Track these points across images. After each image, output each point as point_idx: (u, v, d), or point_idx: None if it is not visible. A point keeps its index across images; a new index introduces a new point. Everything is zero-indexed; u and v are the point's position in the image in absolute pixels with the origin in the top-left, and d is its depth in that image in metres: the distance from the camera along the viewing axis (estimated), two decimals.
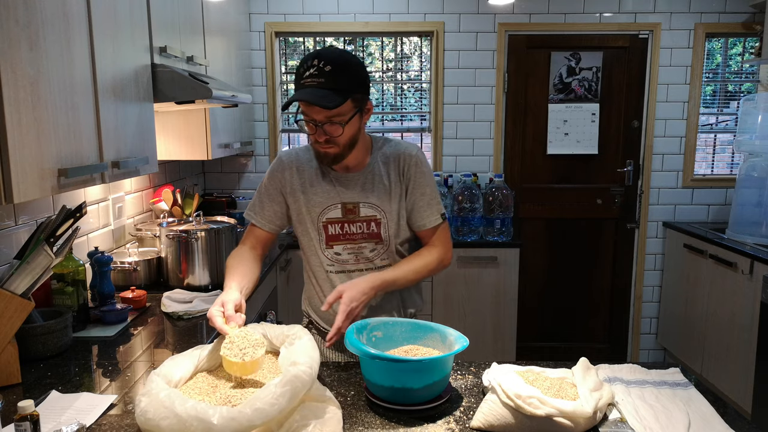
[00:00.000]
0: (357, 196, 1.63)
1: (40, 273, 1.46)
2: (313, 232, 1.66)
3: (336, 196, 1.63)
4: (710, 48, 3.79)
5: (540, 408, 1.14)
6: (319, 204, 1.64)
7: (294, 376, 1.09)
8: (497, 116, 3.72)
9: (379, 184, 1.63)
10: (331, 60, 1.46)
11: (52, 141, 1.40)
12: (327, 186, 1.64)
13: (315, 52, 1.48)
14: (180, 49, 2.23)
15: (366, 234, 1.64)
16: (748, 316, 2.92)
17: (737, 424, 1.21)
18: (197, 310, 1.97)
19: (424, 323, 1.46)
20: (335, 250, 1.65)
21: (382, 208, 1.63)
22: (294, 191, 1.66)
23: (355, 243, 1.64)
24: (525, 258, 3.70)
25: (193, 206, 2.80)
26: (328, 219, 1.64)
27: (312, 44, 3.76)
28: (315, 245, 1.67)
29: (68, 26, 1.47)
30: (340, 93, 1.46)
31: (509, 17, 3.64)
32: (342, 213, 1.63)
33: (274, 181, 1.68)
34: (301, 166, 1.67)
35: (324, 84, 1.45)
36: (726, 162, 3.91)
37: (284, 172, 1.67)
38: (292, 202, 1.67)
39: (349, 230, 1.64)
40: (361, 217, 1.63)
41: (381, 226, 1.64)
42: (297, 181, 1.66)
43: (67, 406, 1.27)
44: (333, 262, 1.66)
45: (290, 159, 1.68)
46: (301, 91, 1.47)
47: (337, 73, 1.46)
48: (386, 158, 1.66)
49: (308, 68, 1.46)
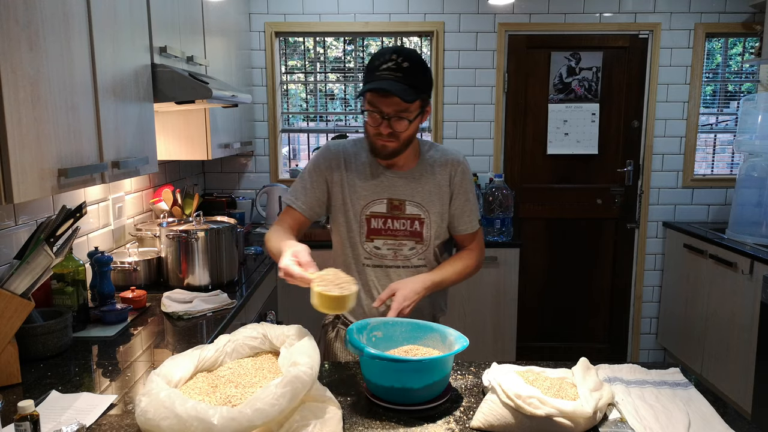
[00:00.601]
0: (404, 194, 1.67)
1: (40, 273, 1.46)
2: (354, 224, 1.68)
3: (383, 192, 1.67)
4: (710, 48, 3.79)
5: (540, 408, 1.14)
6: (364, 197, 1.67)
7: (294, 377, 1.09)
8: (497, 116, 3.72)
9: (426, 185, 1.68)
10: (409, 57, 1.52)
11: (52, 141, 1.40)
12: (374, 180, 1.67)
13: (393, 48, 1.55)
14: (180, 49, 2.23)
15: (408, 232, 1.67)
16: (748, 316, 2.92)
17: (737, 424, 1.21)
18: (197, 310, 1.97)
19: (424, 323, 1.46)
20: (375, 244, 1.68)
21: (427, 208, 1.68)
22: (340, 181, 1.69)
23: (396, 239, 1.68)
24: (525, 258, 3.69)
25: (193, 206, 2.80)
26: (372, 212, 1.67)
27: (312, 44, 3.76)
28: (354, 237, 1.69)
29: (68, 26, 1.47)
30: (414, 90, 1.52)
31: (509, 17, 3.64)
32: (387, 208, 1.67)
33: (320, 169, 1.70)
34: (349, 158, 1.70)
35: (401, 78, 1.50)
36: (726, 162, 3.91)
37: (331, 161, 1.70)
38: (336, 192, 1.69)
39: (392, 226, 1.67)
40: (406, 214, 1.67)
41: (424, 226, 1.68)
42: (344, 171, 1.68)
43: (67, 406, 1.27)
44: (371, 256, 1.69)
45: (338, 149, 1.71)
46: (380, 81, 1.50)
47: (414, 71, 1.52)
48: (434, 161, 1.70)
49: (386, 61, 1.51)
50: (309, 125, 3.90)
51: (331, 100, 3.86)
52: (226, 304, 2.06)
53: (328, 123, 3.89)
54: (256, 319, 2.45)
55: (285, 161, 3.91)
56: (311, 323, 1.53)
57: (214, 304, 2.03)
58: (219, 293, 2.15)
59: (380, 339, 1.44)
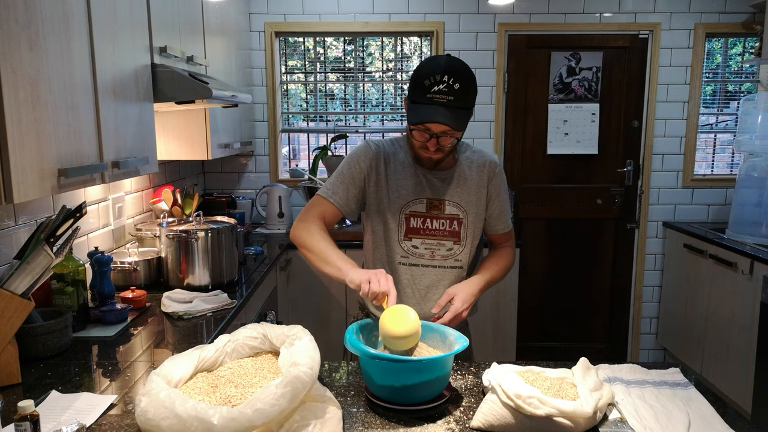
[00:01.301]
0: (444, 194, 1.68)
1: (40, 273, 1.46)
2: (392, 223, 1.69)
3: (422, 191, 1.68)
4: (710, 48, 3.79)
5: (540, 408, 1.14)
6: (404, 196, 1.68)
7: (294, 377, 1.09)
8: (497, 116, 3.72)
9: (465, 185, 1.70)
10: (461, 77, 1.52)
11: (52, 141, 1.40)
12: (414, 180, 1.68)
13: (444, 65, 1.53)
14: (180, 49, 2.23)
15: (447, 231, 1.69)
16: (748, 316, 2.92)
17: (737, 424, 1.21)
18: (197, 310, 1.97)
19: (424, 323, 1.46)
20: (413, 243, 1.69)
21: (466, 208, 1.69)
22: (379, 180, 1.69)
23: (434, 239, 1.69)
24: (525, 258, 3.70)
25: (193, 206, 2.80)
26: (411, 211, 1.68)
27: (312, 44, 3.76)
28: (392, 236, 1.69)
29: (68, 26, 1.47)
30: (465, 111, 1.55)
31: (509, 17, 3.64)
32: (426, 208, 1.68)
33: (359, 166, 1.70)
34: (388, 157, 1.71)
35: (453, 102, 1.51)
36: (726, 162, 3.91)
37: (371, 160, 1.70)
38: (374, 190, 1.70)
39: (431, 225, 1.69)
40: (445, 214, 1.68)
41: (462, 226, 1.69)
42: (383, 170, 1.69)
43: (67, 406, 1.27)
44: (408, 255, 1.70)
45: (378, 148, 1.72)
46: (433, 109, 1.51)
47: (465, 92, 1.53)
48: (471, 162, 1.73)
49: (437, 83, 1.50)
50: (309, 125, 3.90)
51: (331, 100, 3.86)
52: (226, 304, 2.06)
53: (328, 123, 3.89)
54: (256, 319, 2.45)
55: (285, 161, 3.91)
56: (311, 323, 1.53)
57: (214, 304, 2.03)
58: (219, 293, 2.15)
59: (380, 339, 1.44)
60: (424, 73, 1.54)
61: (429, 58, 1.61)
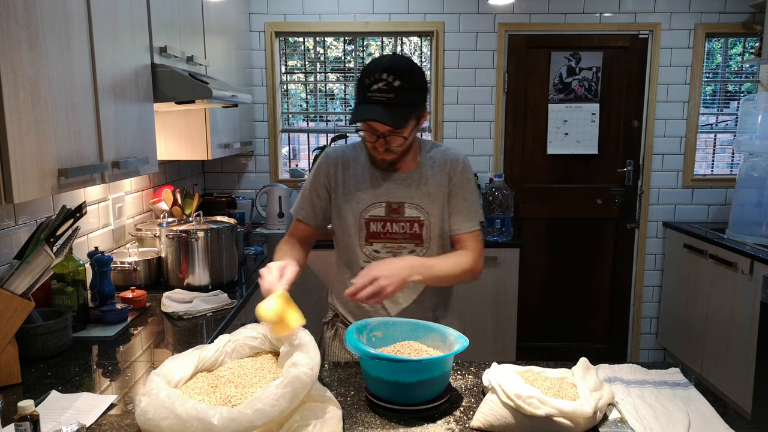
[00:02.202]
0: (403, 196, 1.66)
1: (40, 273, 1.46)
2: (353, 228, 1.68)
3: (381, 195, 1.66)
4: (710, 48, 3.79)
5: (540, 408, 1.14)
6: (363, 201, 1.66)
7: (295, 377, 1.09)
8: (497, 116, 3.72)
9: (426, 186, 1.66)
10: (401, 74, 1.47)
11: (52, 141, 1.39)
12: (373, 184, 1.67)
13: (384, 63, 1.49)
14: (180, 49, 2.23)
15: (408, 234, 1.66)
16: (748, 316, 2.92)
17: (737, 424, 1.21)
18: (197, 310, 1.97)
19: (424, 323, 1.46)
20: (374, 247, 1.68)
21: (426, 209, 1.66)
22: (338, 186, 1.69)
23: (395, 242, 1.67)
24: (525, 258, 3.69)
25: (193, 206, 2.80)
26: (371, 216, 1.66)
27: (312, 44, 3.76)
28: (353, 241, 1.68)
29: (68, 26, 1.47)
30: (407, 109, 1.50)
31: (509, 17, 3.64)
32: (386, 212, 1.66)
33: (320, 177, 1.71)
34: (347, 162, 1.70)
35: (393, 99, 1.47)
36: (726, 162, 3.91)
37: (330, 168, 1.70)
38: (335, 197, 1.69)
39: (391, 229, 1.66)
40: (405, 217, 1.66)
41: (423, 228, 1.66)
42: (341, 177, 1.68)
43: (67, 406, 1.27)
44: (370, 259, 1.68)
45: (336, 155, 1.71)
46: (371, 108, 1.48)
47: (406, 88, 1.48)
48: (434, 162, 1.68)
49: (376, 81, 1.47)
50: (309, 125, 3.90)
51: (331, 100, 3.86)
52: (226, 304, 2.06)
53: (328, 123, 3.89)
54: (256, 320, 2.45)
55: (285, 161, 3.91)
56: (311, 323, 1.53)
57: (214, 304, 2.03)
58: (219, 293, 2.15)
59: (380, 339, 1.44)
60: (365, 72, 1.51)
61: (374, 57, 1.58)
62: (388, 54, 1.61)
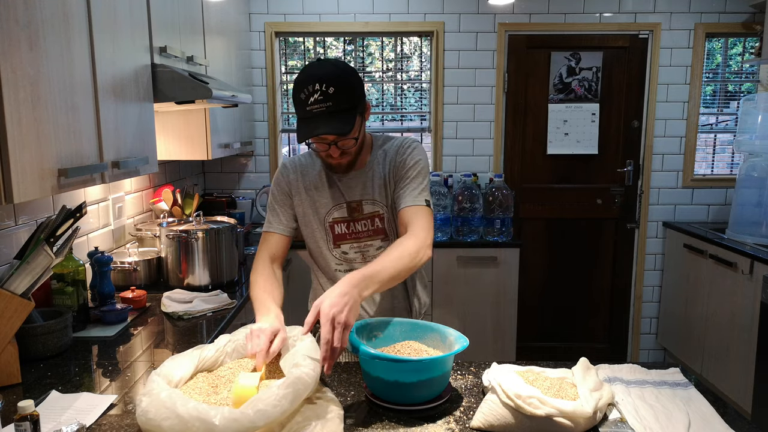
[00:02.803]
0: (359, 194, 1.66)
1: (40, 273, 1.46)
2: (320, 233, 1.68)
3: (341, 196, 1.66)
4: (710, 48, 3.79)
5: (540, 408, 1.14)
6: (324, 205, 1.66)
7: (297, 378, 1.09)
8: (497, 116, 3.72)
9: (378, 179, 1.66)
10: (332, 80, 1.44)
11: (52, 141, 1.39)
12: (331, 188, 1.66)
13: (312, 75, 1.45)
14: (180, 49, 2.23)
15: (371, 231, 1.67)
16: (748, 316, 2.92)
17: (737, 424, 1.21)
18: (197, 310, 1.97)
19: (424, 323, 1.46)
20: (342, 249, 1.68)
21: (381, 202, 1.66)
22: (299, 193, 1.68)
23: (361, 241, 1.67)
24: (525, 258, 3.69)
25: (193, 206, 2.80)
26: (334, 219, 1.66)
27: (312, 44, 3.76)
28: (322, 246, 1.69)
29: (68, 26, 1.47)
30: (348, 111, 1.47)
31: (509, 17, 3.64)
32: (347, 212, 1.66)
33: (281, 187, 1.70)
34: (305, 170, 1.69)
35: (332, 107, 1.45)
36: (726, 162, 3.91)
37: (289, 176, 1.69)
38: (298, 204, 1.69)
39: (355, 229, 1.67)
40: (365, 214, 1.66)
41: (384, 221, 1.67)
42: (301, 184, 1.68)
43: (67, 406, 1.27)
44: (341, 261, 1.69)
45: (293, 164, 1.71)
46: (314, 121, 1.45)
47: (342, 92, 1.45)
48: (385, 153, 1.68)
49: (311, 93, 1.44)
50: None
51: None
52: (226, 304, 2.06)
53: None
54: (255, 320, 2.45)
55: None
56: None
57: (214, 304, 2.03)
58: (219, 293, 2.15)
59: (380, 339, 1.44)
60: (297, 85, 1.47)
61: (303, 68, 1.51)
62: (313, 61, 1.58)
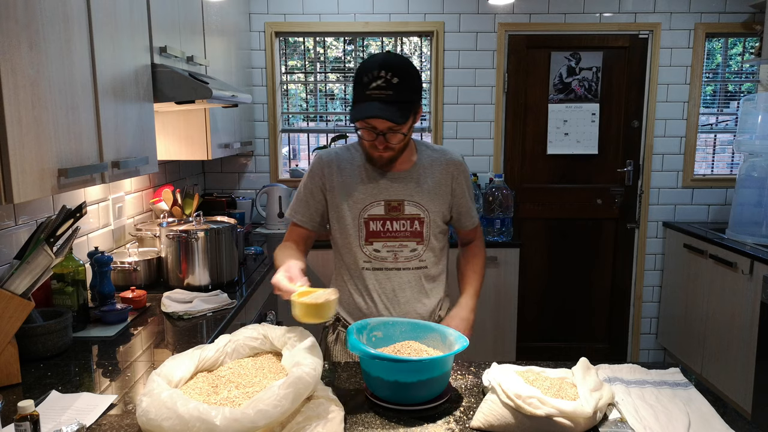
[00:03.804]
0: (402, 194, 1.67)
1: (40, 273, 1.46)
2: (352, 229, 1.67)
3: (379, 194, 1.66)
4: (710, 48, 3.79)
5: (540, 408, 1.14)
6: (361, 200, 1.66)
7: (297, 378, 1.09)
8: (497, 116, 3.72)
9: (425, 184, 1.68)
10: (398, 71, 1.49)
11: (52, 141, 1.40)
12: (370, 183, 1.67)
13: (381, 60, 1.50)
14: (180, 49, 2.23)
15: (409, 232, 1.67)
16: (748, 316, 2.92)
17: (737, 424, 1.21)
18: (197, 310, 1.97)
19: (424, 323, 1.46)
20: (374, 246, 1.68)
21: (426, 207, 1.67)
22: (334, 188, 1.68)
23: (396, 240, 1.68)
24: (525, 258, 3.70)
25: (193, 206, 2.80)
26: (370, 215, 1.66)
27: (312, 44, 3.76)
28: (353, 241, 1.68)
29: (68, 26, 1.47)
30: (406, 105, 1.51)
31: (509, 17, 3.64)
32: (385, 210, 1.66)
33: (315, 179, 1.70)
34: (342, 163, 1.70)
35: (392, 96, 1.49)
36: (726, 162, 3.91)
37: (324, 170, 1.70)
38: (331, 198, 1.69)
39: (391, 227, 1.67)
40: (405, 215, 1.67)
41: (424, 225, 1.68)
42: (338, 178, 1.68)
43: (67, 406, 1.27)
44: (370, 259, 1.68)
45: (330, 157, 1.71)
46: (371, 105, 1.49)
47: (404, 85, 1.50)
48: (433, 161, 1.71)
49: (375, 78, 1.48)
50: (309, 125, 3.90)
51: (331, 100, 3.86)
52: (226, 304, 2.06)
53: (328, 123, 3.89)
54: (256, 320, 2.45)
55: (285, 161, 3.91)
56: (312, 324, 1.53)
57: (214, 304, 2.03)
58: (219, 293, 2.15)
59: (380, 339, 1.44)
60: (362, 70, 1.52)
61: (369, 56, 1.59)
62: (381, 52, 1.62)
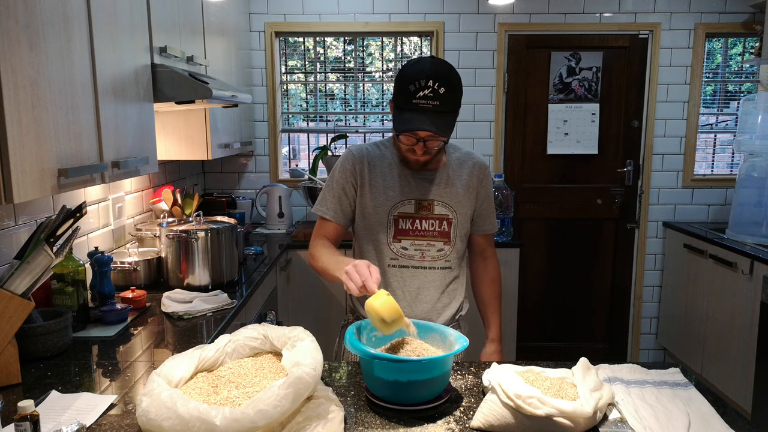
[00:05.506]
0: (433, 194, 1.68)
1: (40, 273, 1.46)
2: (380, 225, 1.68)
3: (410, 192, 1.67)
4: (710, 48, 3.79)
5: (540, 408, 1.14)
6: (392, 198, 1.67)
7: (297, 378, 1.09)
8: (497, 116, 3.72)
9: (453, 185, 1.70)
10: (445, 81, 1.50)
11: (52, 141, 1.40)
12: (401, 181, 1.68)
13: (428, 68, 1.50)
14: (180, 49, 2.23)
15: (437, 232, 1.69)
16: (748, 316, 2.92)
17: (737, 424, 1.21)
18: (197, 310, 1.97)
19: (424, 323, 1.46)
20: (402, 244, 1.69)
21: (454, 208, 1.69)
22: (364, 184, 1.69)
23: (424, 239, 1.69)
24: (525, 258, 3.70)
25: (193, 206, 2.79)
26: (400, 213, 1.67)
27: (312, 44, 3.76)
28: (380, 238, 1.69)
29: (68, 26, 1.47)
30: (452, 115, 1.54)
31: (509, 17, 3.64)
32: (415, 209, 1.67)
33: (346, 174, 1.70)
34: (373, 160, 1.70)
35: (439, 107, 1.50)
36: (726, 162, 3.91)
37: (356, 165, 1.70)
38: (361, 195, 1.70)
39: (420, 226, 1.68)
40: (434, 214, 1.68)
41: (452, 226, 1.69)
42: (368, 174, 1.69)
43: (67, 406, 1.27)
44: (397, 257, 1.69)
45: (361, 153, 1.71)
46: (418, 116, 1.50)
47: (451, 96, 1.52)
48: (461, 162, 1.73)
49: (422, 88, 1.48)
50: (309, 125, 3.90)
51: (331, 100, 3.86)
52: (226, 304, 2.06)
53: (328, 123, 3.89)
54: (256, 320, 2.45)
55: (285, 161, 3.91)
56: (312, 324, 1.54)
57: (214, 304, 2.03)
58: (219, 293, 2.15)
59: (380, 339, 1.44)
60: (409, 77, 1.51)
61: (413, 60, 1.57)
62: (426, 57, 1.61)
